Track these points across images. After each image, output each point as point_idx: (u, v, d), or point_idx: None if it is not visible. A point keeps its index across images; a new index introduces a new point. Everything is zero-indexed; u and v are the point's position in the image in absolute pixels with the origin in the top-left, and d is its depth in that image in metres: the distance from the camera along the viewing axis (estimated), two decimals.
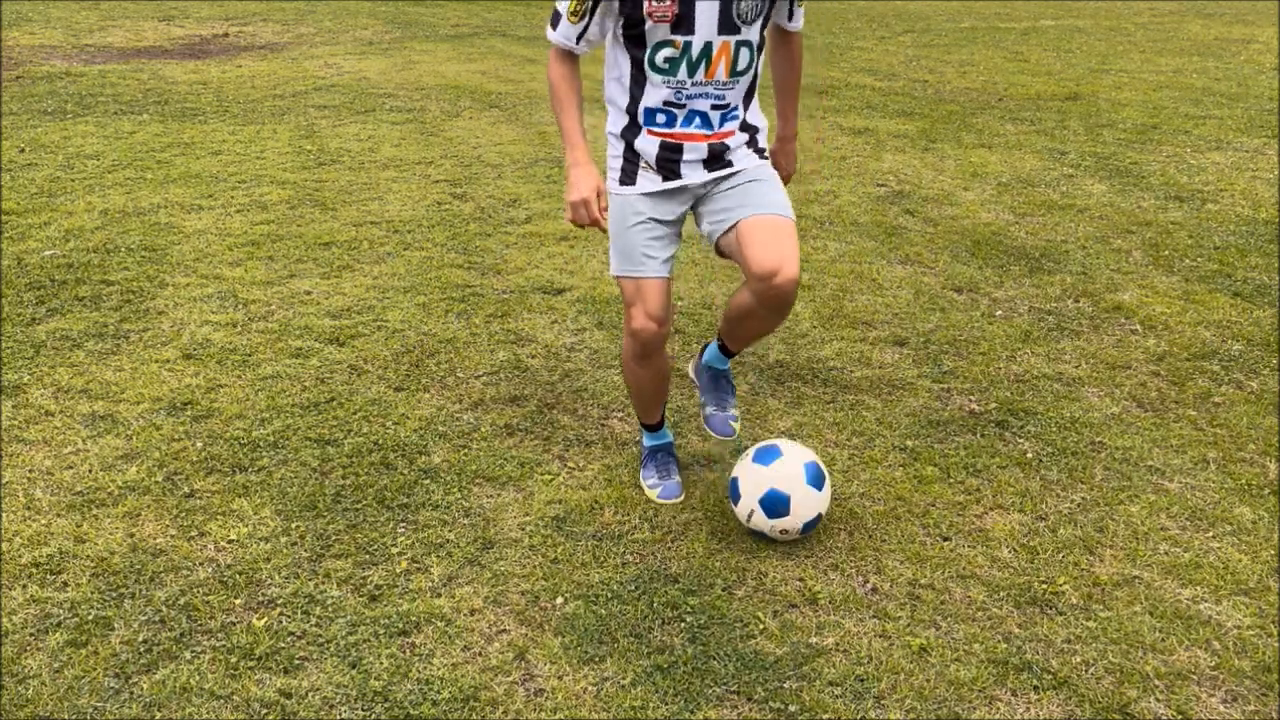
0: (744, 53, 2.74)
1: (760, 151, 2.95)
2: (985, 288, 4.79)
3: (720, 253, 2.96)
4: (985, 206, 5.95)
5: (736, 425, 3.30)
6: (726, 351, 3.30)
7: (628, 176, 2.89)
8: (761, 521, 2.90)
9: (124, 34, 11.67)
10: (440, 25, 12.98)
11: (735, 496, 2.96)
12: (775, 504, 2.86)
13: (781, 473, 2.88)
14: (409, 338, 4.19)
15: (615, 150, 2.92)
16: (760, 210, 2.82)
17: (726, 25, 2.68)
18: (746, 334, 3.15)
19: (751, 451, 3.00)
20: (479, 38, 12.09)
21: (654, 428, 3.26)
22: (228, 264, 4.90)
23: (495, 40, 11.95)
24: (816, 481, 2.90)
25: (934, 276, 4.91)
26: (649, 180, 2.88)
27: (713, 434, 3.29)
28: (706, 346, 3.40)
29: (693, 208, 2.98)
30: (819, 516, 2.92)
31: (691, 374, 3.52)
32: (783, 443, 3.02)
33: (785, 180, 3.07)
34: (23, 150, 6.75)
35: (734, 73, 2.76)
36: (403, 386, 3.80)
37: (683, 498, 3.16)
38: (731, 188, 2.89)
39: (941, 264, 5.06)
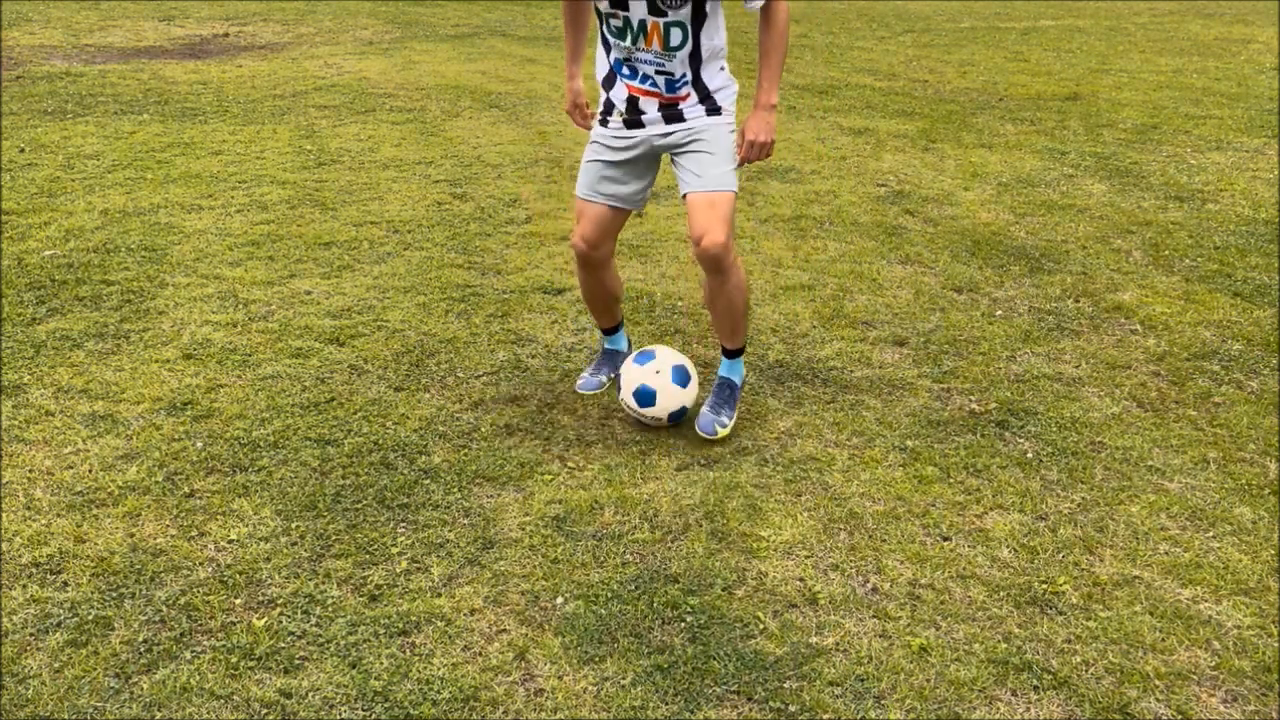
0: (675, 31, 3.14)
1: (716, 110, 3.29)
2: (985, 288, 4.79)
3: None
4: (985, 206, 5.95)
5: (721, 430, 3.50)
6: (726, 352, 3.59)
7: (603, 120, 3.38)
8: (635, 409, 3.50)
9: (124, 34, 11.67)
10: (440, 25, 12.98)
11: (618, 389, 3.58)
12: (645, 397, 3.46)
13: (651, 371, 3.47)
14: (409, 338, 4.19)
15: (601, 96, 3.37)
16: (701, 188, 3.26)
17: (653, 8, 3.10)
18: (714, 314, 3.51)
19: (632, 354, 3.58)
20: (479, 38, 12.09)
21: (607, 333, 3.82)
22: (228, 264, 4.90)
23: (495, 40, 11.95)
24: (682, 380, 3.48)
25: (934, 276, 4.91)
26: (616, 126, 3.34)
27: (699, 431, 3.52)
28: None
29: (672, 157, 3.38)
30: (684, 409, 3.50)
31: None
32: (659, 348, 3.58)
33: (759, 149, 3.32)
34: (23, 150, 6.76)
35: (667, 47, 3.17)
36: (403, 386, 3.81)
37: (597, 392, 3.74)
38: (687, 153, 3.31)
39: (941, 264, 5.06)
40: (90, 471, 3.24)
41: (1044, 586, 2.79)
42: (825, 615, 2.68)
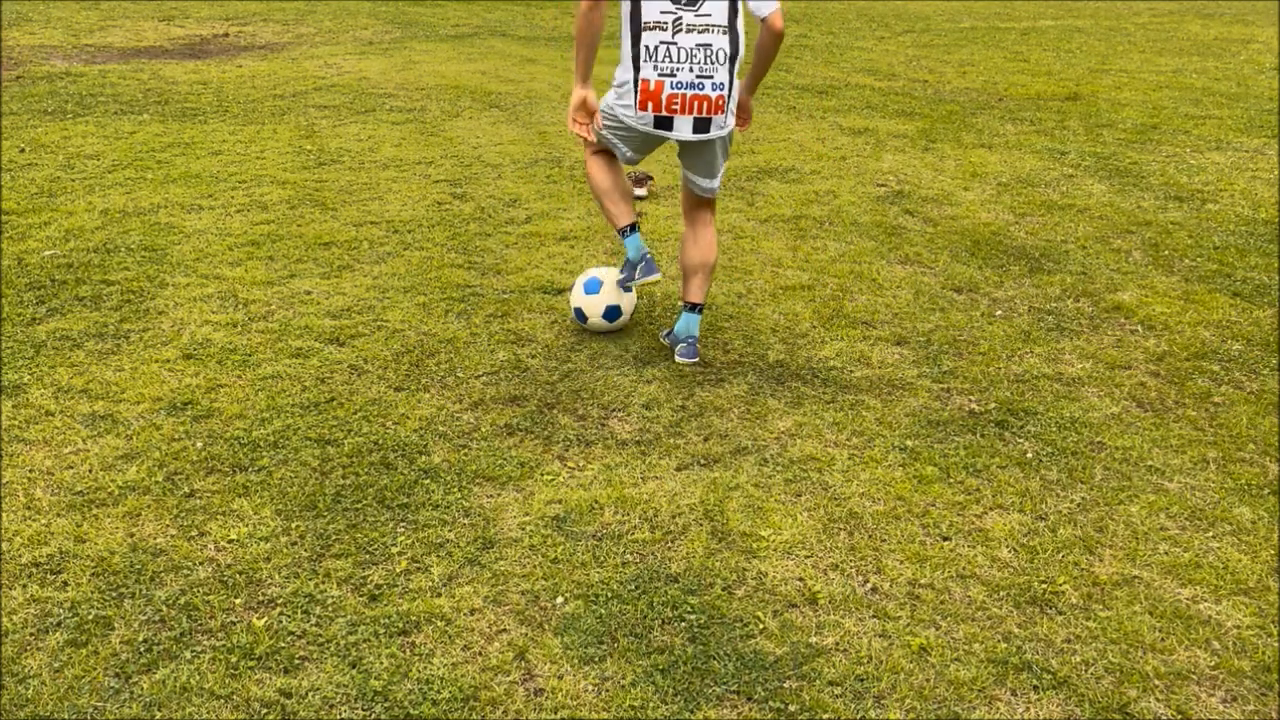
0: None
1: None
2: (985, 288, 4.79)
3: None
4: (985, 206, 5.96)
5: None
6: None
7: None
8: (600, 324, 4.22)
9: (124, 34, 11.67)
10: (440, 25, 12.98)
11: (581, 319, 4.21)
12: (612, 312, 4.20)
13: (603, 298, 4.16)
14: (409, 338, 4.19)
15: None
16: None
17: None
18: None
19: (580, 286, 4.19)
20: (479, 38, 12.09)
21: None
22: (228, 264, 4.90)
23: (495, 40, 11.95)
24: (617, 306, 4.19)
25: (934, 276, 4.91)
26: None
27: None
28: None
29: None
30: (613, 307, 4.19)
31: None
32: (600, 272, 4.21)
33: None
34: (23, 150, 6.76)
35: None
36: (403, 386, 3.81)
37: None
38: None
39: (941, 264, 5.06)
40: (90, 471, 3.24)
41: (1044, 586, 2.79)
42: (825, 615, 2.68)
